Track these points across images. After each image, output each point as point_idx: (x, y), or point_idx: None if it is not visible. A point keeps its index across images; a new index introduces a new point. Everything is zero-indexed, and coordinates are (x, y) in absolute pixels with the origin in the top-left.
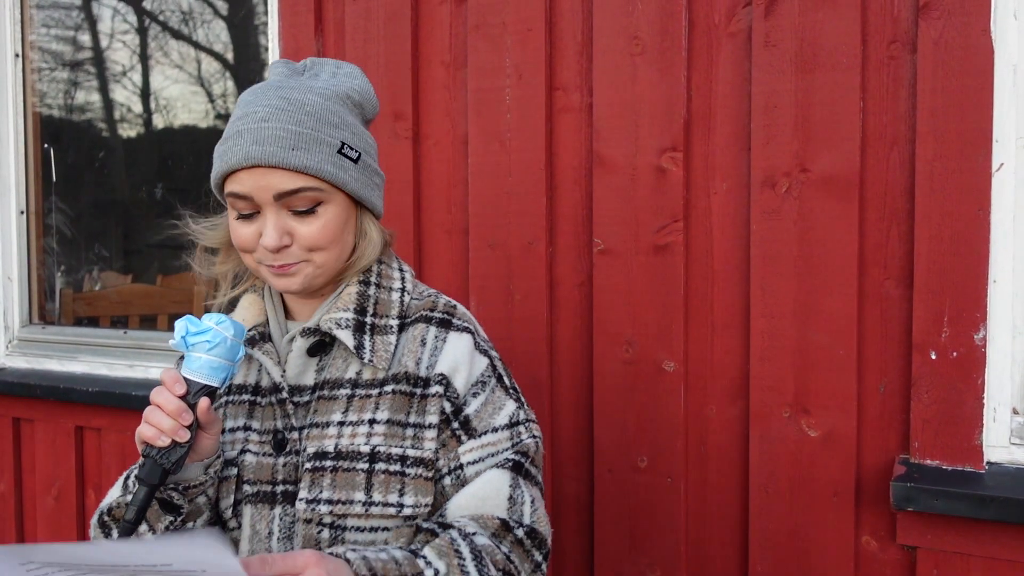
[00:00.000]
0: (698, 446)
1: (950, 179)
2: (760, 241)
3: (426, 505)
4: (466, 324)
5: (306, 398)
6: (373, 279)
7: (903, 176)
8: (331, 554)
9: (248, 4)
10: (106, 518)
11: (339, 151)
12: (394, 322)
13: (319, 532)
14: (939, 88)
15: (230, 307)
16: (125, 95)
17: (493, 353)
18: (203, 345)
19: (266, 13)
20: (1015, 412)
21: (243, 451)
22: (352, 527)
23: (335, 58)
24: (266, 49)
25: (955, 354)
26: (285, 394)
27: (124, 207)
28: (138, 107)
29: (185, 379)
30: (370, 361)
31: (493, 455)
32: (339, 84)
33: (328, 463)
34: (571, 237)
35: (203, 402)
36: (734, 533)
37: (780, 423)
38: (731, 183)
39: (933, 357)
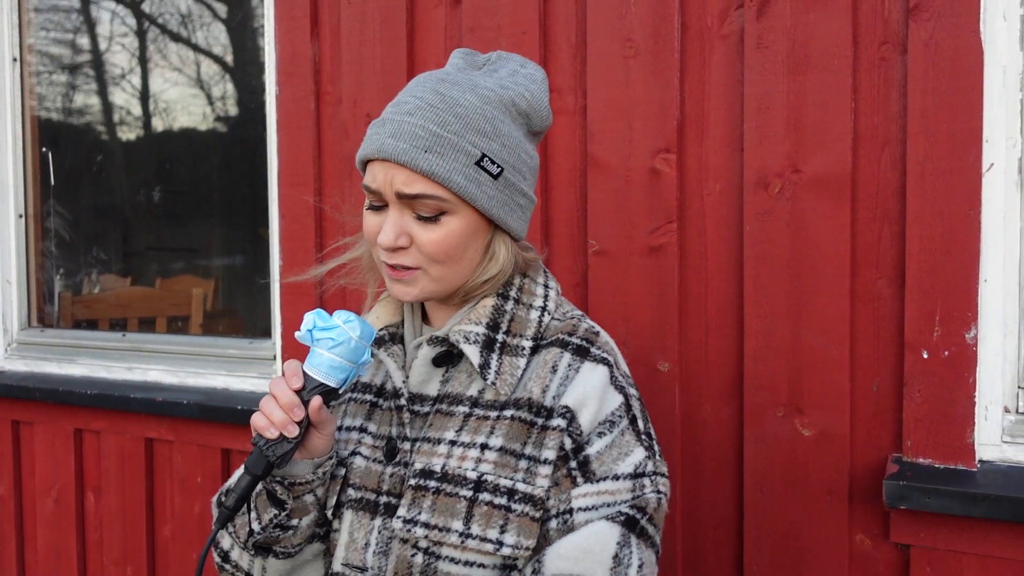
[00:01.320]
0: (693, 446)
1: (941, 179)
2: (753, 242)
3: (527, 548)
4: (605, 355)
5: (426, 409)
6: (513, 294)
7: (894, 176)
8: None
9: (247, 7)
10: (222, 498)
11: (478, 162)
12: (527, 343)
13: (413, 556)
14: (930, 89)
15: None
16: (124, 98)
17: (632, 391)
18: (327, 342)
19: (264, 16)
20: (1006, 410)
21: (354, 452)
22: (447, 557)
23: (331, 60)
24: (264, 52)
25: (947, 353)
26: (404, 401)
27: (123, 210)
28: (137, 110)
29: (304, 374)
30: (493, 383)
31: (609, 505)
32: (510, 87)
33: (432, 483)
34: (566, 238)
35: (315, 401)
36: (729, 532)
37: (774, 423)
38: (724, 184)
39: (925, 356)
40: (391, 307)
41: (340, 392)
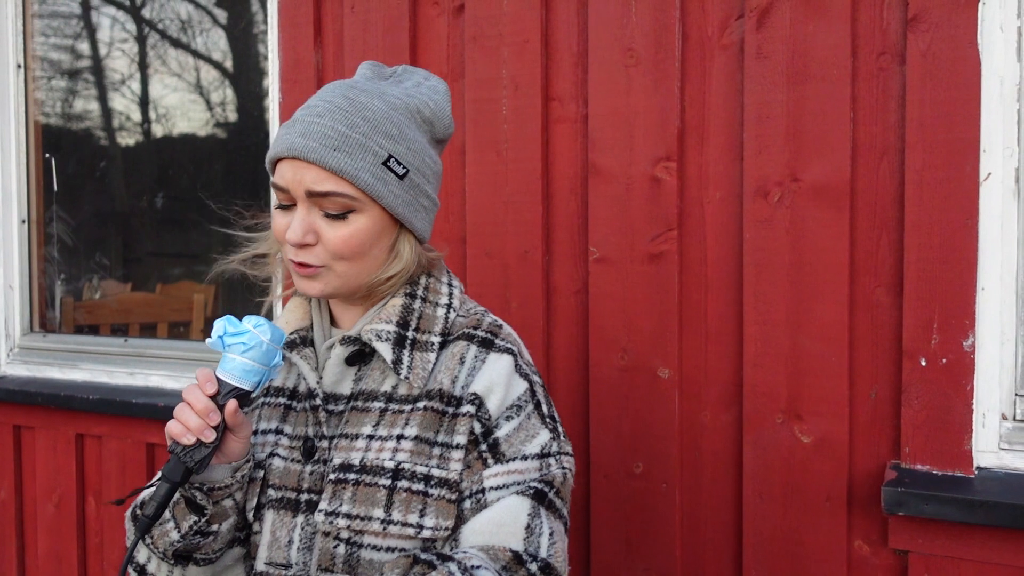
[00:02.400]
0: (693, 452)
1: (939, 188)
2: (753, 249)
3: (446, 528)
4: (509, 345)
5: (340, 407)
6: (420, 292)
7: (893, 185)
8: None
9: (248, 14)
10: (138, 511)
11: (384, 162)
12: (436, 339)
13: (335, 547)
14: (928, 99)
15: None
16: (125, 104)
17: (535, 378)
18: (238, 347)
19: (265, 22)
20: (1004, 417)
21: (272, 455)
22: (369, 545)
23: (334, 68)
24: (266, 59)
25: (945, 361)
26: (319, 401)
27: (124, 216)
28: (138, 116)
29: (217, 379)
30: (406, 377)
31: (518, 483)
32: (415, 96)
33: (352, 476)
34: (567, 245)
35: (231, 404)
36: (728, 538)
37: (773, 429)
38: (724, 192)
39: (923, 364)
40: (299, 311)
41: (254, 395)
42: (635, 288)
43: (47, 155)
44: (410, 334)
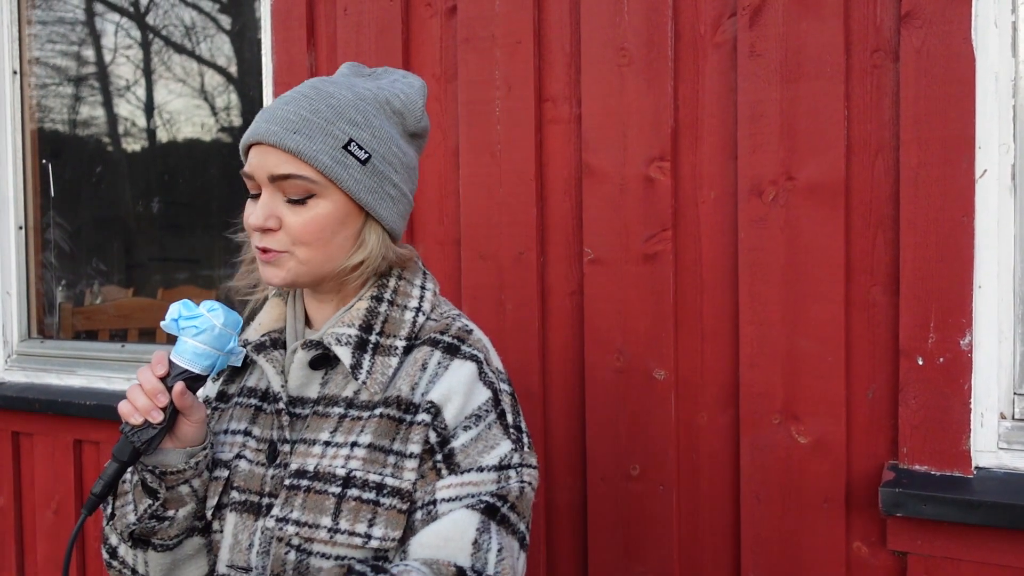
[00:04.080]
0: (690, 454)
1: (934, 186)
2: (748, 249)
3: (394, 539)
4: (475, 352)
5: (306, 411)
6: (387, 295)
7: (888, 183)
8: None
9: (245, 17)
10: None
11: (344, 146)
12: (400, 343)
13: (286, 553)
14: (922, 96)
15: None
16: (124, 109)
17: (502, 387)
18: (191, 330)
19: (260, 26)
20: (1002, 417)
21: (239, 456)
22: (318, 552)
23: (327, 70)
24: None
25: (942, 360)
26: (282, 404)
27: (123, 221)
28: (138, 121)
29: (170, 362)
30: (364, 382)
31: (472, 496)
32: (386, 88)
33: (304, 482)
34: (562, 247)
35: (178, 386)
36: (726, 540)
37: (770, 430)
38: (718, 192)
39: (920, 363)
40: (274, 312)
41: (207, 379)
42: (630, 289)
43: (44, 161)
44: (373, 338)
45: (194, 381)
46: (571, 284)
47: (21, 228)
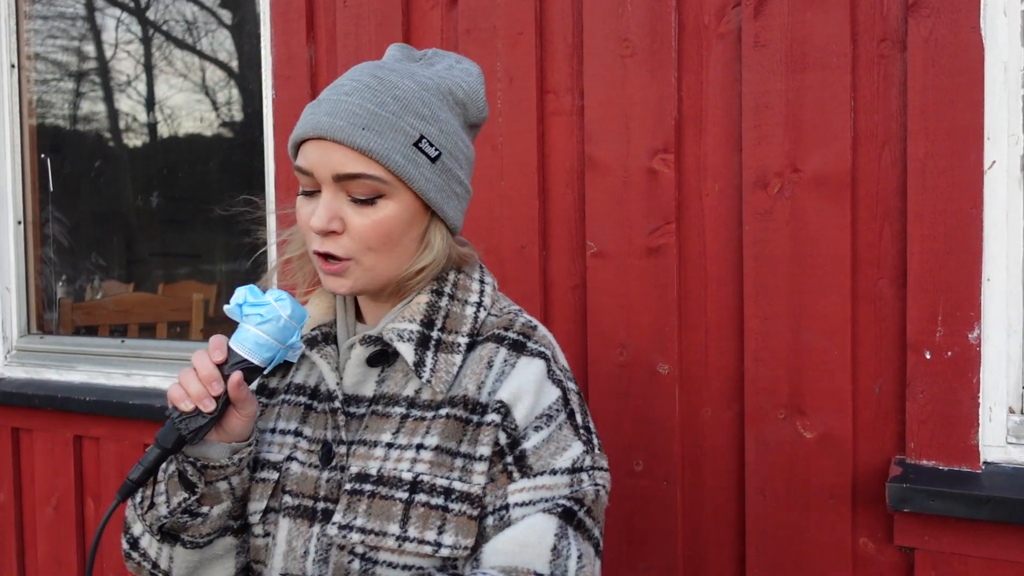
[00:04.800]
0: (694, 449)
1: (942, 177)
2: (752, 242)
3: (466, 547)
4: (542, 348)
5: (362, 410)
6: (447, 290)
7: (895, 175)
8: None
9: (244, 10)
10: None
11: (416, 144)
12: (463, 340)
13: (350, 562)
14: (930, 86)
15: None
16: (122, 103)
17: (570, 385)
18: (255, 318)
19: (260, 19)
20: (1011, 411)
21: (290, 457)
22: (384, 562)
23: (327, 63)
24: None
25: (950, 353)
26: (338, 403)
27: (123, 216)
28: (137, 115)
29: (229, 349)
30: (428, 381)
31: (546, 499)
32: (447, 78)
33: (368, 487)
34: (564, 240)
35: (235, 376)
36: (731, 536)
37: (775, 425)
38: (723, 184)
39: (928, 357)
40: (323, 306)
41: (264, 372)
42: (633, 283)
43: (43, 155)
44: (435, 334)
45: (251, 372)
46: (574, 278)
47: (20, 223)
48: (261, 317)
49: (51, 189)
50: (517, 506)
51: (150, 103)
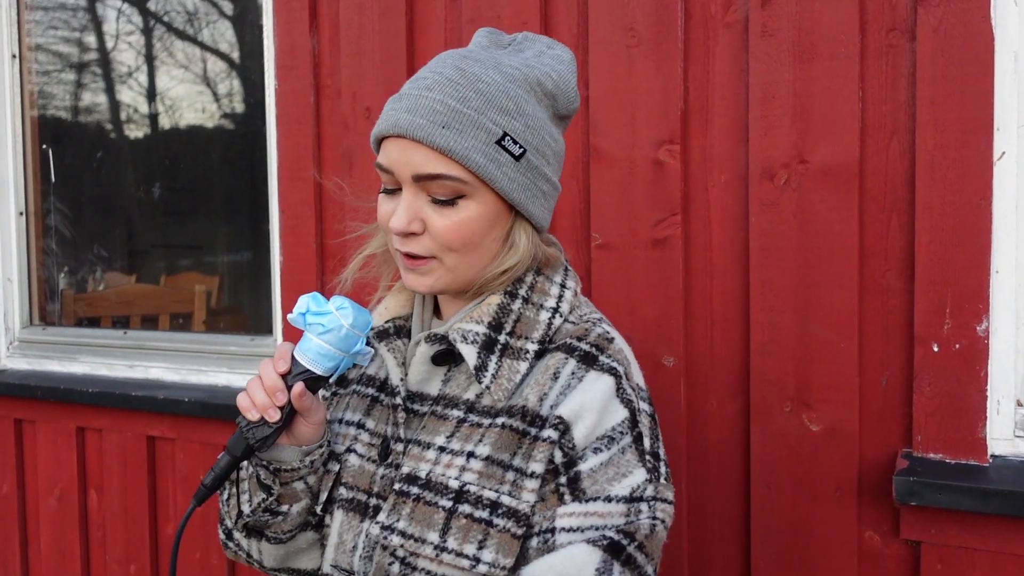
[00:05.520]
0: (699, 442)
1: (951, 168)
2: (759, 234)
3: (504, 568)
4: (614, 364)
5: (424, 409)
6: (523, 292)
7: (903, 166)
8: None
9: (252, 3)
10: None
11: (498, 141)
12: (532, 347)
13: (390, 564)
14: (939, 76)
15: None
16: (127, 95)
17: (641, 406)
18: (317, 327)
19: (262, 9)
20: (1019, 404)
21: (349, 449)
22: (422, 569)
23: (330, 53)
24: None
25: (958, 346)
26: (400, 399)
27: (125, 207)
28: (139, 107)
29: (293, 358)
30: (488, 387)
31: (596, 528)
32: (536, 67)
33: (415, 490)
34: (569, 231)
35: (297, 387)
36: (736, 529)
37: (781, 418)
38: (729, 175)
39: (935, 349)
40: (402, 298)
41: (330, 380)
42: (639, 275)
43: (44, 146)
44: (502, 338)
45: (315, 382)
46: (578, 269)
47: (22, 214)
48: (323, 327)
49: (53, 180)
50: (564, 531)
51: (151, 94)
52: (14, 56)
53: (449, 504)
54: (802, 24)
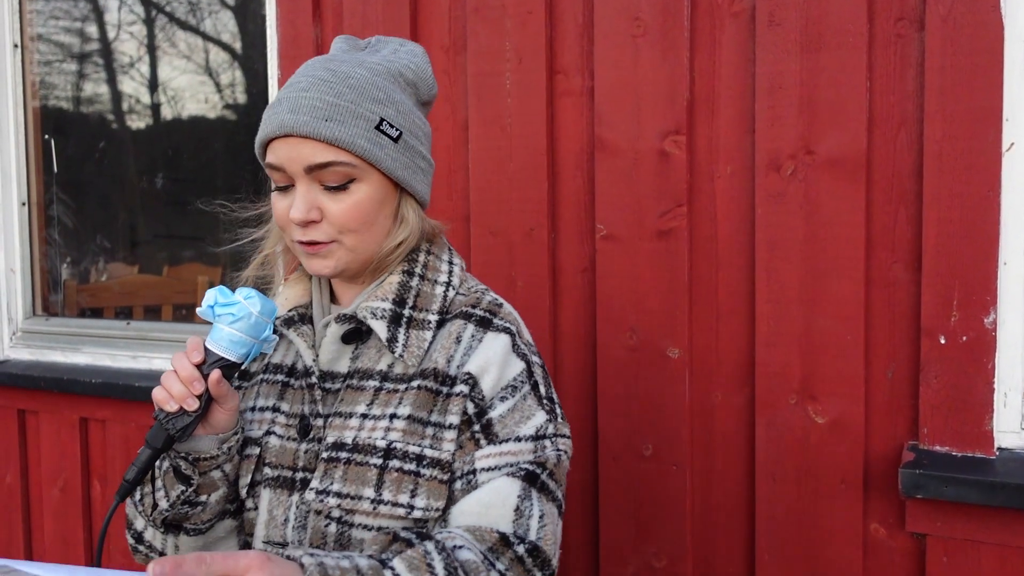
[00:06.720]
0: (704, 434)
1: (959, 159)
2: (765, 225)
3: (437, 509)
4: (507, 325)
5: (337, 385)
6: (418, 270)
7: (911, 157)
8: (286, 556)
9: None
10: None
11: (377, 127)
12: (433, 317)
13: (327, 526)
14: (948, 66)
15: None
16: (129, 86)
17: (534, 359)
18: (227, 317)
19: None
20: None
21: (268, 432)
22: (359, 524)
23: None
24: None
25: (965, 338)
26: (315, 379)
27: (128, 198)
28: (141, 97)
29: (206, 348)
30: (401, 355)
31: (511, 464)
32: (395, 61)
33: (343, 455)
34: (573, 223)
35: (214, 374)
36: (741, 521)
37: (787, 410)
38: (735, 166)
39: (942, 342)
40: (299, 289)
41: (242, 367)
42: (643, 266)
43: (46, 136)
44: (406, 312)
45: (229, 369)
46: (583, 261)
47: (24, 204)
48: (233, 316)
49: (55, 170)
50: (484, 471)
51: (153, 84)
52: (16, 46)
53: (380, 461)
54: (809, 13)
